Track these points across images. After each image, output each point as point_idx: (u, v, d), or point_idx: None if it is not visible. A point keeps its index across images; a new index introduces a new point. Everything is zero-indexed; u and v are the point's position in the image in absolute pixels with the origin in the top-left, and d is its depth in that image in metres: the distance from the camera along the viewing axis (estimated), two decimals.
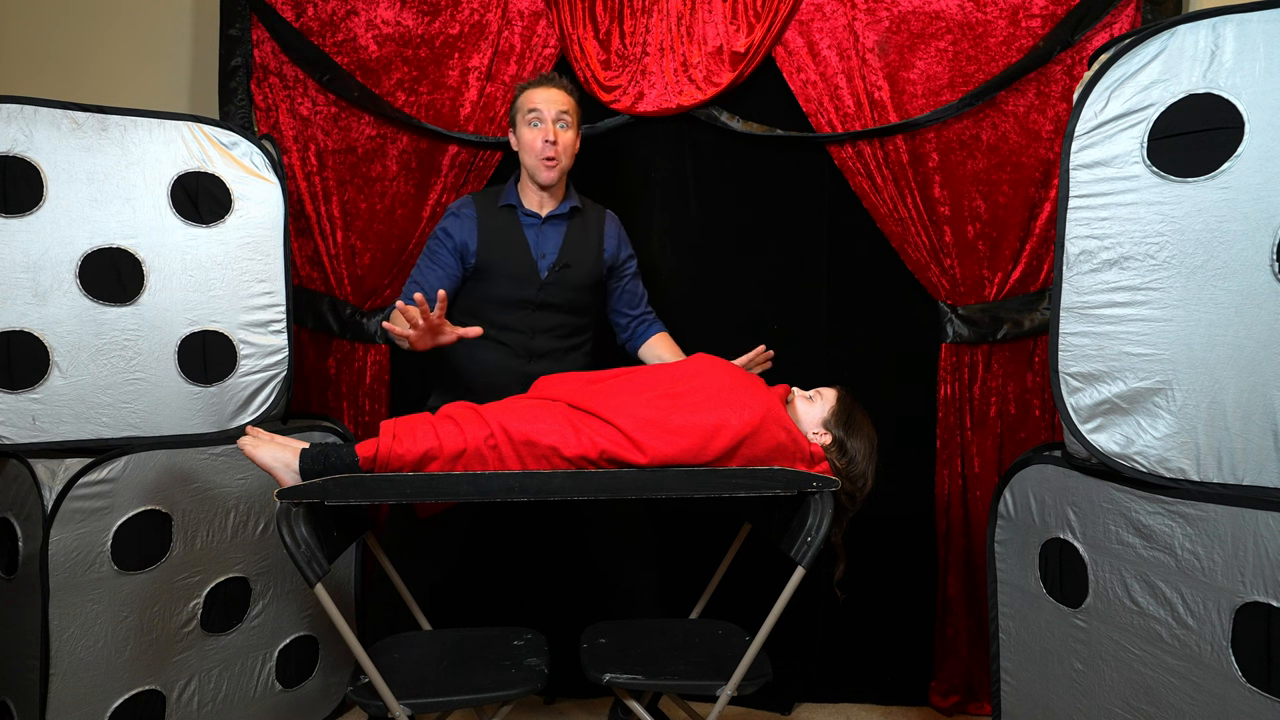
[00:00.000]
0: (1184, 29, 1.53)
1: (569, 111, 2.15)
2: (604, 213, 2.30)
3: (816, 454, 1.75)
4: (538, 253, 2.17)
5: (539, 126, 2.12)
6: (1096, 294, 1.61)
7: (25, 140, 1.92)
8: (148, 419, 2.02)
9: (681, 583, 2.24)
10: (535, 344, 2.16)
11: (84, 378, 1.95)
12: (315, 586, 1.60)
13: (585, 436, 1.66)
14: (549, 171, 2.14)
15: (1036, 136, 2.32)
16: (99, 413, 1.97)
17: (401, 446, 1.63)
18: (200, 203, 2.09)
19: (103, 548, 1.90)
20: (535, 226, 2.18)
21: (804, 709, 2.52)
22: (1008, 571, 1.88)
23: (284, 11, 2.47)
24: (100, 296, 1.97)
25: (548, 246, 2.18)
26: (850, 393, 1.90)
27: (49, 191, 1.94)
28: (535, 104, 2.13)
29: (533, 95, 2.15)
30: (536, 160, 2.14)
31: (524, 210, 2.19)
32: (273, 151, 2.21)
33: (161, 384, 2.04)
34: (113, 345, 1.98)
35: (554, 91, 2.16)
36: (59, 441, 1.93)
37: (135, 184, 2.03)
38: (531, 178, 2.17)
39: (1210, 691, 1.44)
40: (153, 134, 2.06)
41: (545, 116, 2.12)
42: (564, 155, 2.15)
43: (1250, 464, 1.45)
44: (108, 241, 1.99)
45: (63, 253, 1.94)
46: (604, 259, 2.24)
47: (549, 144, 2.12)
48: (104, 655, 1.91)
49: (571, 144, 2.17)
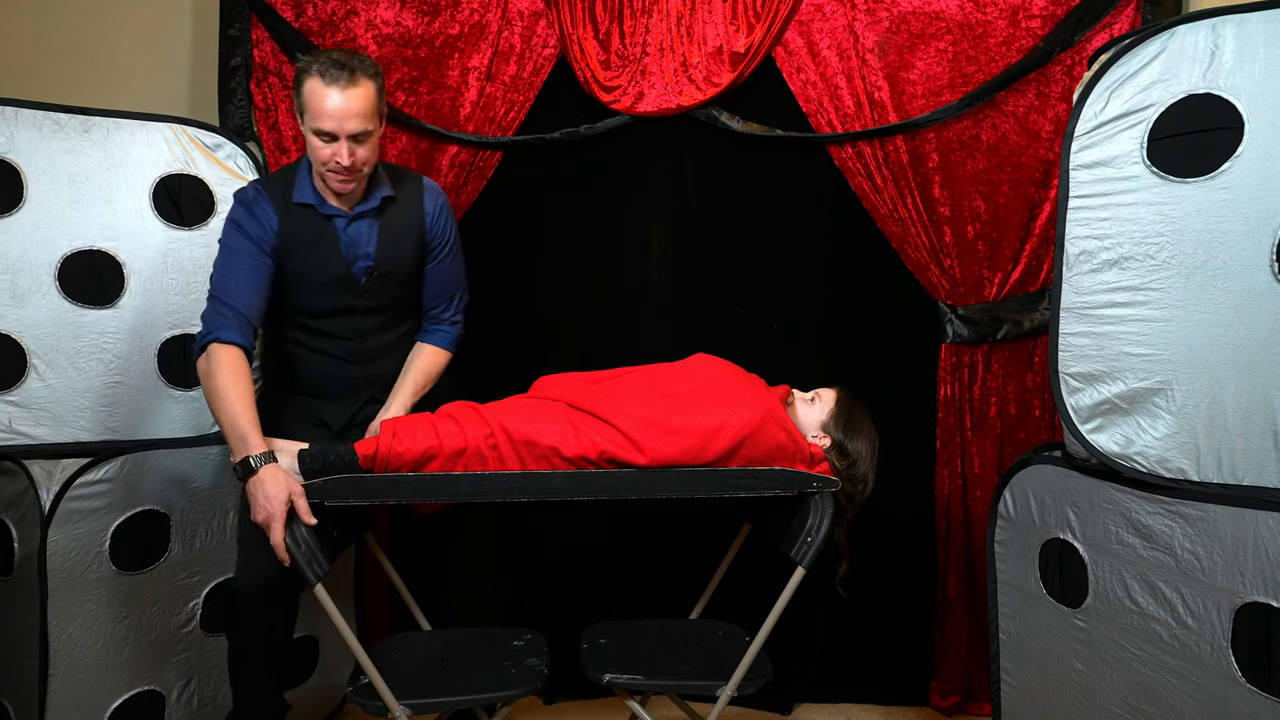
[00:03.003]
0: (1184, 29, 1.53)
1: (370, 116, 1.76)
2: (421, 189, 1.98)
3: (816, 455, 1.75)
4: (350, 256, 1.89)
5: (329, 144, 1.77)
6: (1096, 294, 1.61)
7: (6, 141, 1.92)
8: (127, 423, 2.01)
9: (681, 583, 2.24)
10: (367, 345, 1.96)
11: (62, 381, 1.94)
12: (315, 587, 1.60)
13: (585, 437, 1.66)
14: (343, 186, 1.83)
15: (1036, 137, 2.31)
16: (77, 416, 1.95)
17: (401, 445, 1.63)
18: (183, 205, 2.09)
19: (101, 548, 1.90)
20: (342, 226, 1.89)
21: (804, 709, 2.51)
22: (1008, 571, 1.88)
23: (284, 11, 2.47)
24: (80, 299, 1.97)
25: (360, 247, 1.89)
26: (851, 393, 1.90)
27: (29, 193, 1.93)
28: (322, 121, 1.73)
29: (320, 105, 1.73)
30: (323, 170, 1.81)
31: (324, 209, 1.87)
32: (257, 154, 2.20)
33: (142, 387, 2.03)
34: (92, 348, 1.98)
35: (348, 99, 1.73)
36: (39, 445, 1.91)
37: (117, 186, 2.02)
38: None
39: (1210, 692, 1.44)
40: (135, 136, 2.05)
41: (339, 135, 1.75)
42: (364, 169, 1.82)
43: (1250, 464, 1.45)
44: (88, 243, 1.98)
45: (42, 254, 1.94)
46: (427, 241, 1.98)
47: (342, 168, 1.78)
48: (103, 655, 1.91)
49: (373, 152, 1.81)
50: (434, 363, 2.02)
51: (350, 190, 1.85)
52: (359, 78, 1.75)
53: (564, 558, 2.54)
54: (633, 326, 2.50)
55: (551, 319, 2.54)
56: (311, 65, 1.75)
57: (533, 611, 2.46)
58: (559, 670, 1.95)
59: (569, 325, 2.53)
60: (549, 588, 2.53)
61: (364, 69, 1.76)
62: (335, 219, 1.88)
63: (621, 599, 2.42)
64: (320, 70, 1.74)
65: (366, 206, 1.90)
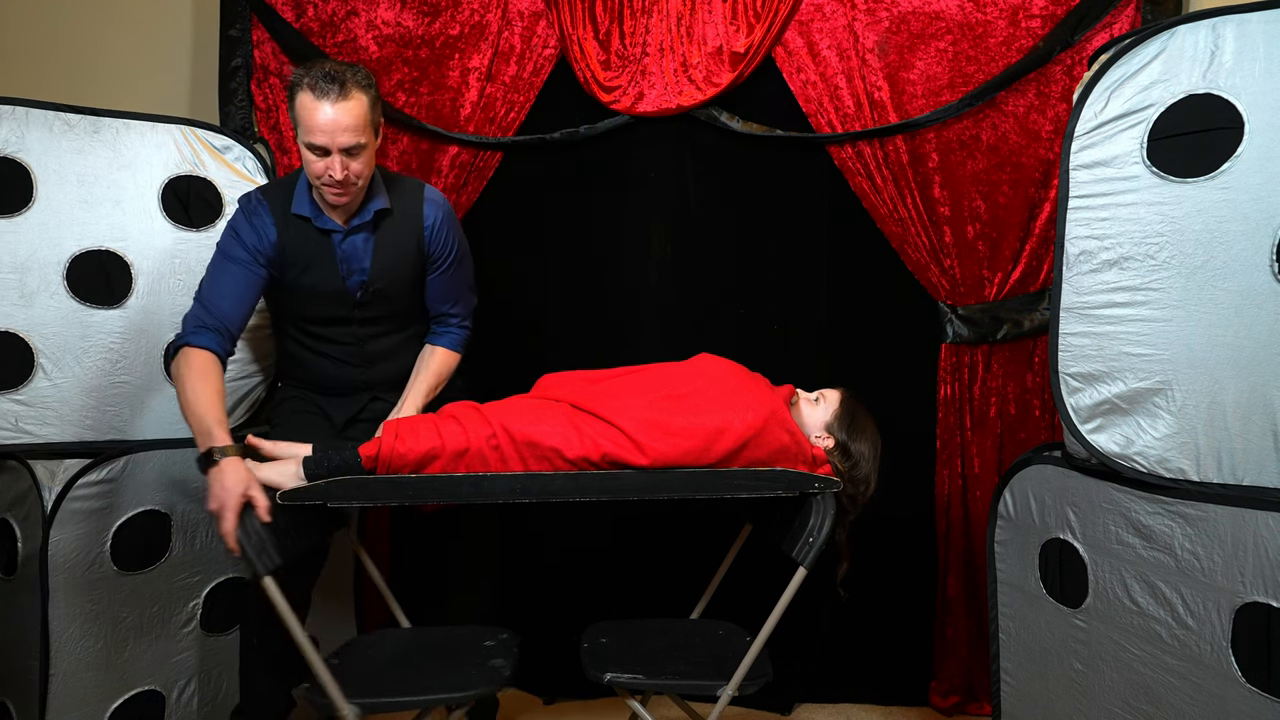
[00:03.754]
0: (1184, 29, 1.53)
1: (362, 130, 1.74)
2: (421, 199, 1.94)
3: (819, 457, 1.75)
4: (345, 270, 1.88)
5: (322, 158, 1.74)
6: (1096, 294, 1.61)
7: (17, 141, 1.92)
8: (133, 423, 2.01)
9: (682, 583, 2.24)
10: (367, 350, 1.97)
11: (69, 380, 1.95)
12: (264, 579, 1.55)
13: (588, 438, 1.66)
14: (338, 200, 1.81)
15: (1036, 137, 2.32)
16: (83, 415, 1.96)
17: (404, 446, 1.63)
18: (191, 206, 2.09)
19: (102, 548, 1.90)
20: (338, 241, 1.87)
21: (804, 709, 2.51)
22: (1008, 572, 1.88)
23: (284, 12, 2.47)
24: (87, 299, 1.97)
25: (356, 262, 1.88)
26: (854, 395, 1.90)
27: (39, 192, 1.94)
28: (313, 136, 1.71)
29: (311, 119, 1.71)
30: (318, 183, 1.79)
31: (320, 222, 1.86)
32: (265, 156, 2.20)
33: (148, 388, 2.03)
34: (99, 348, 1.98)
35: (339, 113, 1.70)
36: (43, 444, 1.91)
37: (125, 186, 2.03)
38: None
39: (1210, 692, 1.44)
40: (145, 137, 2.06)
41: (331, 149, 1.73)
42: (359, 181, 1.80)
43: (1250, 464, 1.45)
44: (96, 244, 1.99)
45: (50, 254, 1.94)
46: (426, 253, 1.95)
47: (336, 182, 1.76)
48: (104, 655, 1.91)
49: (367, 165, 1.79)
50: (445, 364, 2.02)
51: (346, 203, 1.83)
52: (350, 90, 1.72)
53: (565, 558, 2.54)
54: (633, 326, 2.51)
55: (552, 319, 2.54)
56: (303, 78, 1.73)
57: (533, 611, 2.47)
58: (559, 670, 1.96)
59: (569, 325, 2.53)
60: (550, 587, 2.53)
61: (356, 81, 1.73)
62: (332, 234, 1.87)
63: (623, 599, 2.42)
64: (311, 84, 1.71)
65: (361, 220, 1.88)
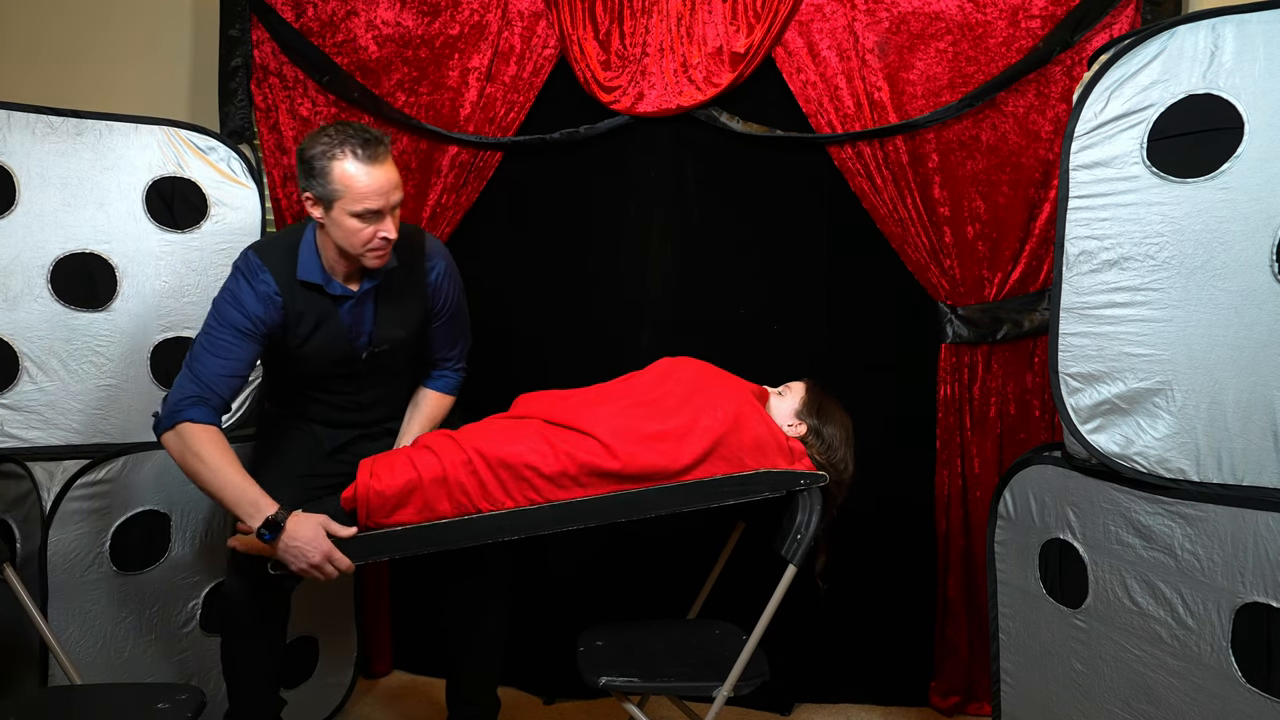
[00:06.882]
0: (1184, 29, 1.53)
1: (400, 185, 1.72)
2: (424, 251, 1.90)
3: (797, 449, 1.76)
4: (353, 333, 1.84)
5: (373, 223, 1.69)
6: (1096, 294, 1.61)
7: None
8: (120, 425, 2.00)
9: (679, 583, 2.24)
10: (364, 397, 1.94)
11: (54, 384, 1.94)
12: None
13: (562, 451, 1.66)
14: (379, 261, 1.76)
15: (1036, 137, 2.31)
16: (70, 419, 1.95)
17: (380, 483, 1.64)
18: (176, 208, 2.09)
19: (101, 548, 1.90)
20: (349, 307, 1.82)
21: (804, 709, 2.51)
22: (1008, 572, 1.88)
23: (284, 12, 2.47)
24: (72, 301, 1.97)
25: (364, 324, 1.85)
26: (818, 383, 1.92)
27: (21, 195, 1.93)
28: (368, 202, 1.66)
29: (362, 186, 1.65)
30: (363, 250, 1.73)
31: (332, 289, 1.80)
32: (250, 157, 2.20)
33: (134, 391, 2.02)
34: (85, 351, 1.98)
35: (385, 170, 1.67)
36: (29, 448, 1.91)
37: (109, 188, 2.02)
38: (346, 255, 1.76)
39: (1210, 692, 1.44)
40: (129, 138, 2.05)
41: (384, 210, 1.69)
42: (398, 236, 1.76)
43: (1250, 464, 1.45)
44: (81, 246, 1.98)
45: (34, 257, 1.94)
46: (430, 307, 1.93)
47: (388, 242, 1.72)
48: (103, 655, 1.91)
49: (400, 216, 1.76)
50: (438, 408, 2.01)
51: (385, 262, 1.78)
52: (385, 145, 1.69)
53: (560, 561, 2.53)
54: (633, 326, 2.50)
55: (551, 319, 2.54)
56: (334, 148, 1.66)
57: (533, 611, 2.47)
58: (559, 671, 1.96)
59: (569, 324, 2.53)
60: (550, 588, 2.53)
61: (383, 135, 1.71)
62: (342, 300, 1.81)
63: (619, 600, 2.42)
64: (351, 150, 1.65)
65: (372, 284, 1.82)
